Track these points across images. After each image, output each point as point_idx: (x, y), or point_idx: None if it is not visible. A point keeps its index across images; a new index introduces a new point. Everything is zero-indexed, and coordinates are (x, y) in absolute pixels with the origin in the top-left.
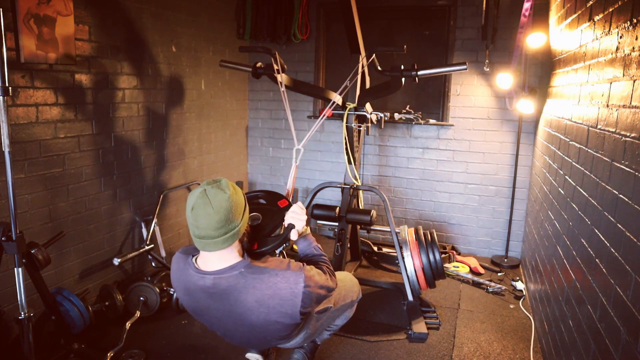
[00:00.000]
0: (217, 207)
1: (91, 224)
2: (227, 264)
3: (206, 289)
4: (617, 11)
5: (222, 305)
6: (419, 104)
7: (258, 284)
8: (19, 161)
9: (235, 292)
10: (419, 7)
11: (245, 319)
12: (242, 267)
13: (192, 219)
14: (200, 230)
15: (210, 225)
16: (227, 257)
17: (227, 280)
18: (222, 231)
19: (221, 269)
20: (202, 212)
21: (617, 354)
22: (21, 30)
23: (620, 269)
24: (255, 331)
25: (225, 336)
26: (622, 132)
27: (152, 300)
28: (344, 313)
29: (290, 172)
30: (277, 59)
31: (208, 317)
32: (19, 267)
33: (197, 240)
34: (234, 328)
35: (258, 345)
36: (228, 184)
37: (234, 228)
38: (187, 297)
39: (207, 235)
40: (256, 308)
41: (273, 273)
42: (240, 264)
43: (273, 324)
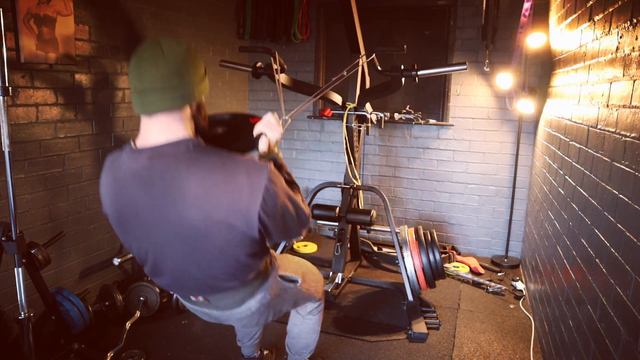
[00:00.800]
0: (169, 54)
1: (91, 224)
2: (172, 137)
3: (138, 171)
4: (617, 11)
5: (155, 195)
6: (419, 104)
7: (208, 166)
8: (19, 161)
9: (176, 175)
10: (419, 7)
11: (182, 217)
12: (191, 144)
13: (134, 67)
14: (142, 79)
15: (157, 74)
16: (174, 128)
17: (166, 159)
18: (171, 82)
19: (162, 143)
20: (149, 58)
21: (617, 354)
22: (21, 30)
23: (620, 269)
24: (194, 243)
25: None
26: (622, 132)
27: (152, 300)
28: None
29: None
30: (277, 59)
31: (134, 222)
32: (19, 267)
33: (136, 98)
34: (166, 239)
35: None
36: (189, 43)
37: (187, 85)
38: (112, 196)
39: (150, 85)
40: (200, 197)
41: (230, 157)
42: (189, 141)
43: (220, 226)
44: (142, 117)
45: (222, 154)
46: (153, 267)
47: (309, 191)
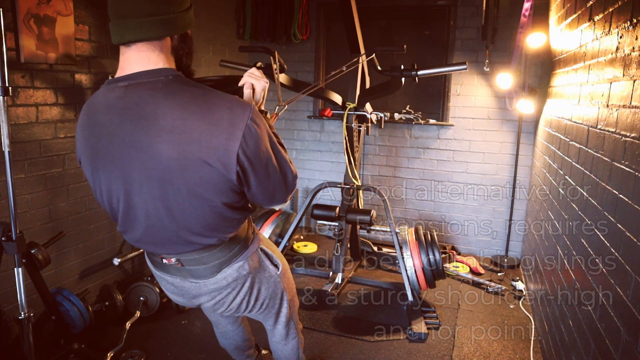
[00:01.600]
0: None
1: (91, 224)
2: (151, 67)
3: (112, 102)
4: (617, 11)
5: (128, 128)
6: (419, 104)
7: (186, 96)
8: (19, 161)
9: (150, 103)
10: (419, 7)
11: (156, 152)
12: (171, 74)
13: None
14: (122, 4)
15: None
16: (153, 58)
17: (143, 87)
18: (151, 8)
19: (140, 71)
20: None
21: (617, 354)
22: (21, 30)
23: (620, 269)
24: (168, 181)
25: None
26: (622, 132)
27: (152, 300)
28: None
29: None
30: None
31: (105, 161)
32: (19, 267)
33: (114, 25)
34: (138, 180)
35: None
36: None
37: (168, 12)
38: (84, 134)
39: (129, 9)
40: (176, 129)
41: (211, 90)
42: (169, 70)
43: (195, 164)
44: (120, 48)
45: (203, 86)
46: (124, 217)
47: (309, 191)
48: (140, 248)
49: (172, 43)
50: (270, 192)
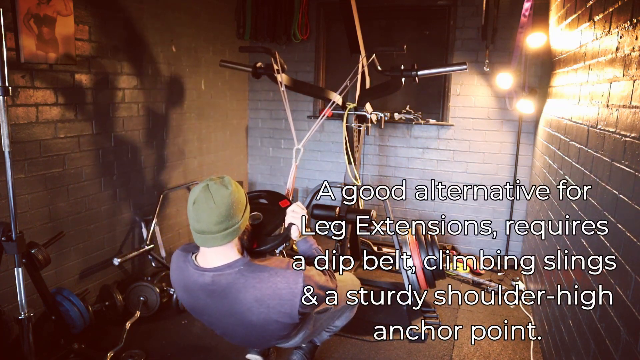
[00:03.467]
0: (219, 202)
1: (91, 224)
2: (227, 261)
3: (205, 286)
4: (617, 11)
5: (222, 303)
6: (419, 104)
7: (257, 282)
8: (19, 161)
9: (234, 290)
10: (419, 7)
11: (244, 318)
12: (242, 264)
13: (193, 213)
14: (201, 224)
15: (211, 220)
16: (227, 254)
17: (226, 278)
18: (222, 226)
19: (220, 265)
20: (204, 206)
21: (617, 354)
22: (21, 30)
23: (620, 269)
24: (254, 330)
25: (224, 335)
26: (622, 132)
27: (152, 300)
28: (344, 314)
29: (290, 172)
30: (277, 59)
31: (207, 316)
32: (19, 267)
33: (197, 235)
34: (233, 327)
35: (257, 344)
36: (230, 181)
37: (234, 224)
38: (186, 295)
39: (208, 230)
40: (255, 307)
41: (272, 272)
42: (240, 261)
43: (272, 323)
44: (201, 247)
45: (265, 268)
46: (223, 336)
47: (309, 191)
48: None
49: (239, 239)
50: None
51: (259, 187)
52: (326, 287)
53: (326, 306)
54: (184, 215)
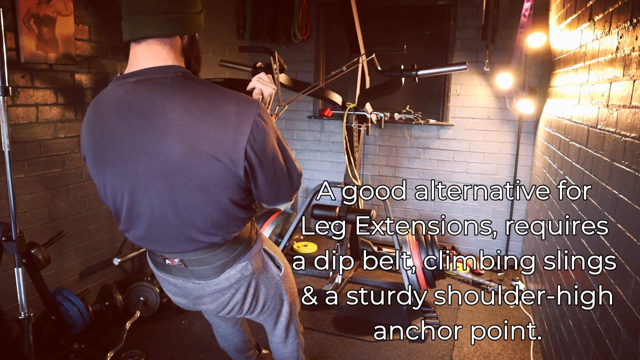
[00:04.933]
0: None
1: (91, 224)
2: (160, 63)
3: (121, 97)
4: (617, 11)
5: (136, 123)
6: (419, 104)
7: (194, 92)
8: (19, 161)
9: (159, 98)
10: (419, 7)
11: (163, 146)
12: (179, 70)
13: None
14: (135, 1)
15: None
16: (162, 55)
17: (152, 83)
18: (164, 6)
19: (150, 67)
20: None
21: (617, 354)
22: (21, 30)
23: (620, 269)
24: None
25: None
26: (622, 132)
27: (152, 300)
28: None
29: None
30: (276, 59)
31: (110, 156)
32: (19, 267)
33: (126, 21)
34: (144, 174)
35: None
36: None
37: (180, 12)
38: (90, 130)
39: (143, 8)
40: (183, 123)
41: (218, 87)
42: (177, 67)
43: (203, 159)
44: (131, 45)
45: (211, 83)
46: (128, 214)
47: (309, 191)
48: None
49: (182, 43)
50: (276, 189)
51: None
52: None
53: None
54: None
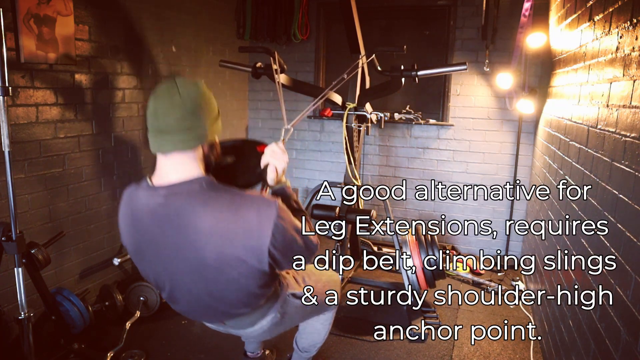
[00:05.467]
0: (185, 96)
1: (91, 224)
2: (186, 177)
3: (155, 208)
4: (617, 11)
5: (170, 234)
6: (419, 104)
7: (219, 206)
8: (19, 161)
9: (189, 213)
10: (419, 7)
11: (197, 256)
12: (204, 182)
13: (152, 108)
14: (159, 121)
15: (173, 115)
16: (187, 168)
17: (181, 197)
18: (185, 124)
19: (177, 182)
20: (166, 99)
21: (617, 354)
22: (21, 30)
23: (620, 269)
24: (208, 278)
25: (171, 294)
26: (622, 132)
27: (152, 300)
28: (323, 316)
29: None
30: (276, 59)
31: (151, 256)
32: (19, 267)
33: (153, 136)
34: (181, 274)
35: (211, 308)
36: (204, 84)
37: (200, 127)
38: (130, 229)
39: (167, 126)
40: (212, 238)
41: (239, 194)
42: (202, 179)
43: (231, 265)
44: (157, 155)
45: (232, 191)
46: (170, 294)
47: (309, 191)
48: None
49: (203, 150)
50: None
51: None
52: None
53: (300, 291)
54: None
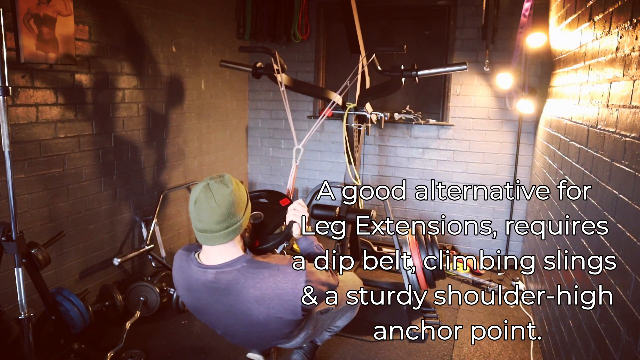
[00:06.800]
0: (220, 201)
1: (91, 224)
2: (229, 259)
3: (208, 284)
4: (617, 11)
5: (223, 301)
6: (419, 104)
7: (259, 280)
8: (19, 161)
9: (236, 288)
10: (419, 7)
11: (246, 316)
12: (244, 261)
13: (195, 213)
14: (202, 223)
15: (213, 219)
16: (229, 252)
17: (228, 275)
18: (224, 225)
19: (223, 263)
20: (205, 206)
21: (617, 354)
22: (21, 30)
23: (620, 269)
24: (256, 329)
25: (226, 335)
26: (622, 132)
27: (152, 300)
28: (346, 314)
29: (291, 172)
30: (277, 59)
31: (209, 315)
32: (19, 267)
33: (199, 234)
34: (234, 326)
35: (259, 344)
36: (231, 179)
37: (236, 222)
38: (188, 293)
39: (210, 228)
40: (257, 304)
41: (274, 268)
42: (242, 258)
43: (274, 321)
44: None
45: (268, 265)
46: (224, 335)
47: (309, 191)
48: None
49: (241, 236)
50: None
51: (259, 187)
52: (328, 283)
53: (327, 306)
54: (184, 215)
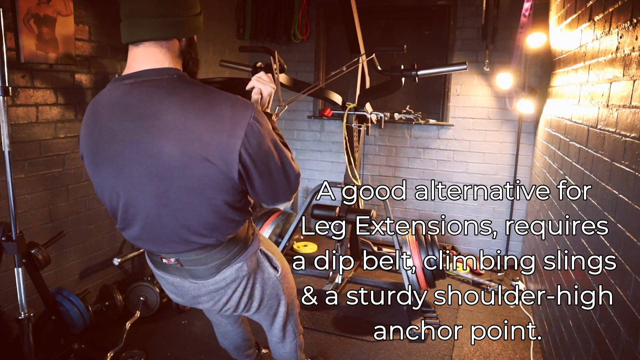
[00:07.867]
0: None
1: (91, 224)
2: (158, 66)
3: (116, 99)
4: (617, 11)
5: (131, 125)
6: (419, 104)
7: (189, 95)
8: (19, 161)
9: (154, 100)
10: (419, 7)
11: (157, 148)
12: (176, 73)
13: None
14: (132, 3)
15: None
16: (160, 58)
17: (147, 85)
18: (161, 9)
19: (146, 69)
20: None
21: (617, 354)
22: (21, 30)
23: (620, 269)
24: (169, 179)
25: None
26: (622, 132)
27: (152, 300)
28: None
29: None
30: (276, 59)
31: (107, 160)
32: (19, 267)
33: (124, 24)
34: (138, 177)
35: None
36: None
37: (178, 15)
38: (87, 130)
39: (140, 9)
40: (177, 127)
41: (214, 90)
42: (174, 70)
43: (196, 162)
44: (129, 48)
45: (206, 86)
46: (124, 214)
47: (309, 191)
48: (139, 246)
49: (179, 46)
50: (273, 190)
51: None
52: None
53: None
54: None
